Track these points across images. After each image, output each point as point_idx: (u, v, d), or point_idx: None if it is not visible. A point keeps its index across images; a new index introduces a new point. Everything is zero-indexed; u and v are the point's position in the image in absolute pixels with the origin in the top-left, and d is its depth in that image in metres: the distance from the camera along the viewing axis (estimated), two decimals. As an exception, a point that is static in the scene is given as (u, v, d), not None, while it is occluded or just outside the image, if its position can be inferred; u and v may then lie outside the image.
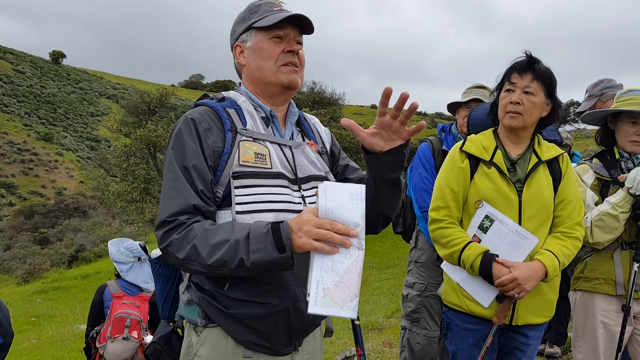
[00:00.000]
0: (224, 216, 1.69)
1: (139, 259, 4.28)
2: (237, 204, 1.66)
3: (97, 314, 4.22)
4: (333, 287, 1.48)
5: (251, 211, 1.66)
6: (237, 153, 1.70)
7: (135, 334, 4.07)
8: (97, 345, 4.09)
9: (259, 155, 1.72)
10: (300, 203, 1.75)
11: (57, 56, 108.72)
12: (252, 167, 1.69)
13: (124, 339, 4.03)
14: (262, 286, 1.67)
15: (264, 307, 1.67)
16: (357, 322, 1.81)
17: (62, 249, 32.69)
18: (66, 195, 62.04)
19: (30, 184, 69.58)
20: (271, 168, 1.72)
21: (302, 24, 1.83)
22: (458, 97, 3.74)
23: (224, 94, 1.88)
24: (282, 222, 1.55)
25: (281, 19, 1.77)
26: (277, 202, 1.69)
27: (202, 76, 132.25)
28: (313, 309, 1.47)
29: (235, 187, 1.67)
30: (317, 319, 1.81)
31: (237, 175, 1.68)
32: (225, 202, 1.69)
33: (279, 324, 1.70)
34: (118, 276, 4.32)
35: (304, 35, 1.88)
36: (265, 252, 1.52)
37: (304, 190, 1.78)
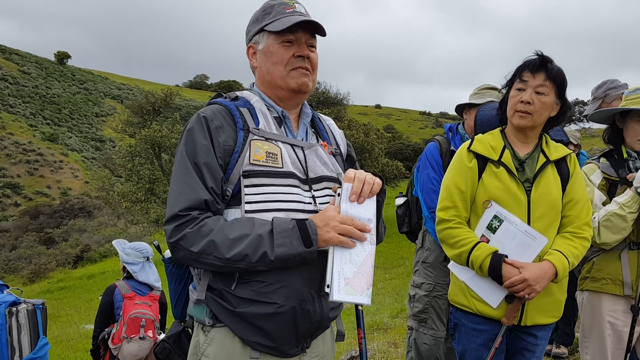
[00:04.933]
0: (233, 215, 1.70)
1: (147, 258, 4.31)
2: (246, 202, 1.67)
3: (107, 315, 4.23)
4: (352, 276, 1.64)
5: (260, 210, 1.67)
6: (248, 152, 1.71)
7: (150, 333, 4.11)
8: (111, 346, 4.11)
9: (270, 155, 1.73)
10: (310, 203, 1.76)
11: (62, 57, 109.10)
12: (262, 165, 1.70)
13: (140, 338, 4.06)
14: (269, 286, 1.68)
15: (270, 307, 1.67)
16: (360, 308, 1.87)
17: (67, 249, 32.83)
18: (71, 195, 62.22)
19: (36, 184, 69.81)
20: (282, 167, 1.73)
21: (314, 27, 1.83)
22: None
23: (238, 93, 1.88)
24: (306, 219, 1.65)
25: (291, 24, 1.76)
26: (287, 202, 1.71)
27: (206, 76, 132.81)
28: (337, 296, 1.61)
29: (245, 186, 1.68)
30: (325, 321, 1.81)
31: (247, 174, 1.68)
32: (235, 200, 1.70)
33: (285, 324, 1.70)
34: (126, 277, 4.34)
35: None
36: (291, 246, 1.60)
37: (314, 190, 1.79)
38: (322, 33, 1.86)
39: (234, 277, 1.68)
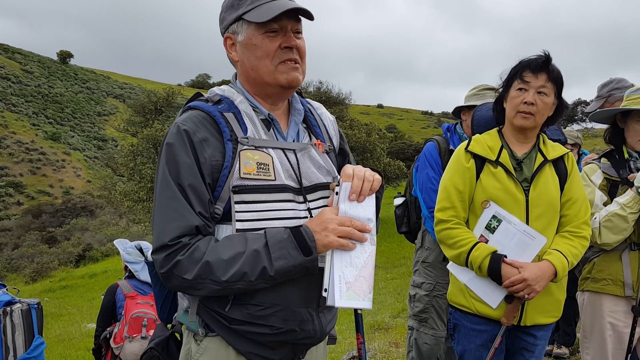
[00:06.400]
0: (224, 231, 1.58)
1: None
2: (237, 220, 1.55)
3: (109, 314, 4.25)
4: (354, 280, 1.55)
5: (253, 229, 1.56)
6: (238, 164, 1.56)
7: (152, 332, 4.11)
8: (113, 345, 4.12)
9: (262, 165, 1.59)
10: (306, 217, 1.64)
11: (64, 56, 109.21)
12: (254, 179, 1.57)
13: (142, 338, 4.07)
14: (265, 310, 1.58)
15: (267, 329, 1.60)
16: (359, 312, 1.79)
17: (69, 248, 32.86)
18: (73, 194, 62.30)
19: (38, 183, 69.89)
20: (275, 180, 1.60)
21: (300, 12, 1.64)
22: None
23: (219, 93, 1.69)
24: (300, 226, 1.55)
25: (276, 14, 1.57)
26: (282, 219, 1.59)
27: (208, 76, 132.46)
28: (339, 302, 1.52)
29: (236, 202, 1.55)
30: (323, 336, 1.74)
31: (238, 190, 1.55)
32: (226, 217, 1.58)
33: (284, 343, 1.64)
34: (128, 276, 4.34)
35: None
36: (289, 257, 1.51)
37: (309, 201, 1.67)
38: (310, 17, 1.65)
39: (228, 299, 1.58)
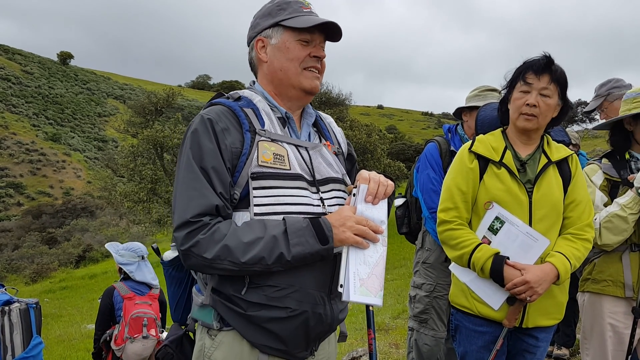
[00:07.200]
0: (242, 218, 1.66)
1: (142, 257, 4.33)
2: (255, 205, 1.64)
3: (108, 317, 4.26)
4: (366, 277, 1.65)
5: (270, 213, 1.65)
6: (256, 153, 1.68)
7: (153, 332, 4.14)
8: (114, 347, 4.13)
9: (278, 156, 1.70)
10: (319, 205, 1.74)
11: (64, 57, 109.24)
12: (271, 167, 1.68)
13: (143, 337, 4.09)
14: (281, 290, 1.66)
15: (283, 311, 1.66)
16: (371, 309, 1.87)
17: (69, 249, 32.90)
18: (74, 195, 62.30)
19: (38, 184, 69.87)
20: (290, 169, 1.71)
21: (328, 32, 1.82)
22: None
23: (240, 93, 1.84)
24: (319, 216, 1.65)
25: (316, 23, 1.75)
26: (296, 205, 1.69)
27: (209, 77, 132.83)
28: (353, 297, 1.61)
29: (254, 188, 1.65)
30: (335, 323, 1.81)
31: (256, 176, 1.66)
32: (243, 203, 1.67)
33: (297, 328, 1.69)
34: (123, 278, 4.35)
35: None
36: (307, 245, 1.60)
37: (322, 192, 1.77)
38: (338, 39, 1.85)
39: (244, 282, 1.66)
